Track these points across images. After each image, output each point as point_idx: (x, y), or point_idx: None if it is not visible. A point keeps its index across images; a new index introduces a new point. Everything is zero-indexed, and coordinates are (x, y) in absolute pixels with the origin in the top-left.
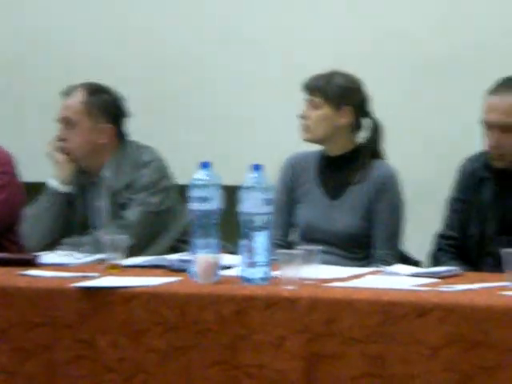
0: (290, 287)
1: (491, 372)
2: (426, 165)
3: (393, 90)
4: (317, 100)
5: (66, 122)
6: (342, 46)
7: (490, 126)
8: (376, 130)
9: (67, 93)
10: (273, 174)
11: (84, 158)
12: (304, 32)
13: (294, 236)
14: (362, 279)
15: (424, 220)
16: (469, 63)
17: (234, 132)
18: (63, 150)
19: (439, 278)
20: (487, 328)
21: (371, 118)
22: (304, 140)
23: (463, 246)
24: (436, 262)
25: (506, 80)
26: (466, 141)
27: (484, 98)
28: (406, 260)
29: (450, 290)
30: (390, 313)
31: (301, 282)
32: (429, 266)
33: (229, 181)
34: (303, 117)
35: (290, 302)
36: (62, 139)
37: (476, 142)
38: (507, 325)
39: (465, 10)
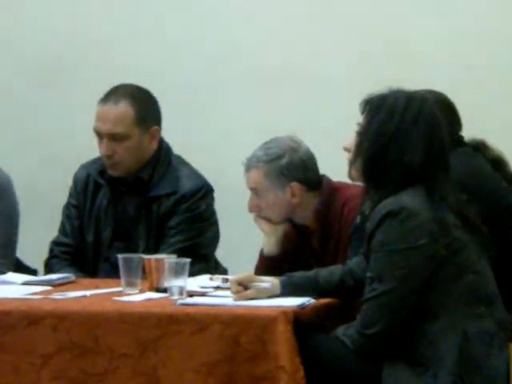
0: None
1: (101, 377)
2: (46, 172)
3: None
4: None
5: None
6: None
7: (100, 135)
8: None
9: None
10: None
11: None
12: None
13: None
14: None
15: (40, 227)
16: None
17: None
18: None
19: (52, 285)
20: (98, 334)
21: None
22: None
23: (79, 253)
24: (50, 269)
25: (114, 89)
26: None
27: (96, 107)
28: (23, 269)
29: (62, 297)
30: (0, 322)
31: None
32: (44, 274)
33: None
34: None
35: None
36: None
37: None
38: (118, 330)
39: None
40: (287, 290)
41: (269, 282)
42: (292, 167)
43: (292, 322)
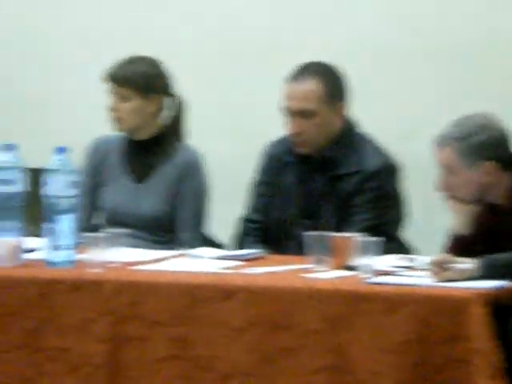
0: (95, 270)
1: (292, 353)
2: (231, 147)
3: None
4: (125, 92)
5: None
6: None
7: (290, 113)
8: (181, 110)
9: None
10: (79, 158)
11: None
12: None
13: (99, 219)
14: (167, 262)
15: (229, 203)
16: None
17: (39, 114)
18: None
19: (244, 260)
20: (289, 310)
21: (176, 97)
22: (118, 131)
23: (267, 229)
24: (241, 244)
25: (302, 67)
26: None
27: (284, 86)
28: (210, 243)
29: (254, 272)
30: (195, 296)
31: (106, 265)
32: (233, 249)
33: (34, 163)
34: (113, 109)
35: (95, 285)
36: None
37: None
38: (308, 306)
39: None
40: (488, 273)
41: (467, 263)
42: (485, 145)
43: (488, 304)
